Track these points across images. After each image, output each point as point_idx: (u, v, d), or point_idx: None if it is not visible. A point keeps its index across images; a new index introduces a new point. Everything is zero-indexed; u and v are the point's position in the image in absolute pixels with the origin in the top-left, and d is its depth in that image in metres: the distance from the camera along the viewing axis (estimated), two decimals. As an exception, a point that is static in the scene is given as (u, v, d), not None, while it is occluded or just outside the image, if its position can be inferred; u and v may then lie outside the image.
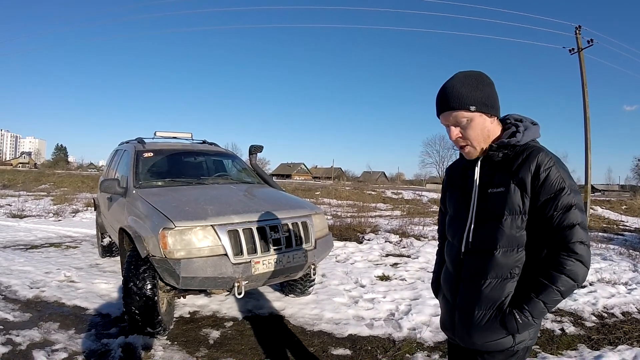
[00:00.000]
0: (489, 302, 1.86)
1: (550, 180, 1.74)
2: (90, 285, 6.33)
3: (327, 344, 4.51)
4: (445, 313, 2.11)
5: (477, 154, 1.91)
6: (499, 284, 1.84)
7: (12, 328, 4.65)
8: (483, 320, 1.87)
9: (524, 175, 1.77)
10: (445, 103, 1.87)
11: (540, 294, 1.74)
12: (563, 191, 1.73)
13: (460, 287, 1.97)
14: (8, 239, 10.21)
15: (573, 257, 1.70)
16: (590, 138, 20.19)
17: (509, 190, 1.79)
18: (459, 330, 1.98)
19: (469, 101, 1.82)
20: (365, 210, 17.40)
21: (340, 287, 6.39)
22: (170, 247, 4.10)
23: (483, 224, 1.88)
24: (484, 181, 1.90)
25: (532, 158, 1.77)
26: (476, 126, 1.86)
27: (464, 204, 1.98)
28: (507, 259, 1.82)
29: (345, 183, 38.62)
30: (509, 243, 1.82)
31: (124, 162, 6.55)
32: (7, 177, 38.15)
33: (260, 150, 6.81)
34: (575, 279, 1.71)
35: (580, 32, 20.90)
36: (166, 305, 4.71)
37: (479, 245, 1.89)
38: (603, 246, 10.73)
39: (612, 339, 4.72)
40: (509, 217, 1.79)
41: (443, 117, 1.90)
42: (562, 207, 1.72)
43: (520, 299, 1.79)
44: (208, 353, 4.25)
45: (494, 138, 1.91)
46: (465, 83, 1.84)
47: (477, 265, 1.89)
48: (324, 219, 5.53)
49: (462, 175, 2.06)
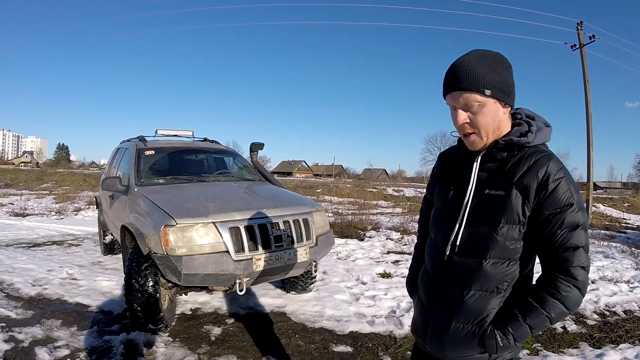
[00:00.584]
0: (469, 315, 1.65)
1: (558, 193, 1.53)
2: (92, 282, 6.35)
3: (328, 340, 4.52)
4: (418, 317, 1.91)
5: (481, 145, 1.65)
6: (483, 297, 1.64)
7: (15, 325, 4.67)
8: (460, 334, 1.67)
9: (529, 182, 1.55)
10: (456, 81, 1.59)
11: (528, 316, 1.56)
12: (571, 207, 1.53)
13: (439, 293, 1.75)
14: (11, 237, 10.24)
15: (571, 282, 1.52)
16: (592, 135, 20.13)
17: (509, 195, 1.58)
18: (431, 339, 1.78)
19: (485, 83, 1.56)
20: (367, 207, 17.38)
21: (342, 284, 6.40)
22: (172, 244, 4.12)
23: (474, 228, 1.65)
24: (482, 179, 1.68)
25: (542, 165, 1.56)
26: (488, 113, 1.60)
27: (455, 201, 1.75)
28: (496, 271, 1.62)
29: (347, 180, 38.53)
30: (500, 254, 1.61)
31: (125, 160, 6.57)
32: (10, 176, 38.20)
33: (261, 147, 6.82)
34: (568, 307, 1.54)
35: (582, 28, 20.83)
36: (168, 302, 4.73)
37: (467, 250, 1.67)
38: (605, 244, 10.70)
39: (614, 337, 4.71)
40: (506, 225, 1.58)
41: (451, 98, 1.63)
42: (567, 225, 1.53)
43: (504, 318, 1.60)
44: (209, 350, 4.27)
45: (504, 130, 1.66)
46: (483, 63, 1.58)
47: (462, 272, 1.68)
48: (325, 216, 5.54)
49: (457, 167, 1.82)
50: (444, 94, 1.66)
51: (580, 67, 20.71)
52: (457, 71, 1.59)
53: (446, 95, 1.65)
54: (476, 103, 1.58)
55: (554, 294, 1.53)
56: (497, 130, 1.64)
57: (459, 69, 1.59)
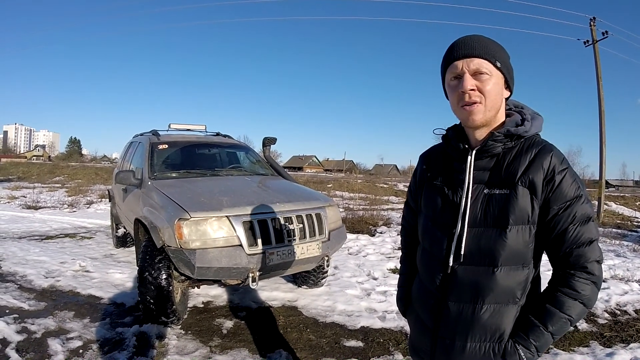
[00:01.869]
0: (486, 332, 1.52)
1: (565, 185, 1.44)
2: (104, 275, 6.41)
3: (339, 335, 4.53)
4: (418, 337, 1.74)
5: (483, 119, 1.51)
6: (499, 309, 1.51)
7: (28, 317, 4.72)
8: (478, 354, 1.53)
9: (535, 176, 1.45)
10: (470, 47, 1.50)
11: (549, 323, 1.45)
12: (580, 200, 1.45)
13: (446, 311, 1.58)
14: (23, 230, 10.34)
15: (590, 279, 1.42)
16: (605, 132, 19.92)
17: (515, 193, 1.46)
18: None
19: (497, 56, 1.50)
20: (378, 203, 17.37)
21: (353, 280, 6.40)
22: (186, 238, 4.13)
23: (479, 233, 1.51)
24: (478, 178, 1.55)
25: (545, 156, 1.47)
26: (496, 85, 1.50)
27: (448, 205, 1.60)
28: (509, 280, 1.49)
29: (357, 176, 38.45)
30: (513, 259, 1.49)
31: (138, 154, 6.61)
32: (22, 170, 38.57)
33: (274, 142, 6.82)
34: (587, 304, 1.44)
35: (595, 23, 20.62)
36: (180, 295, 4.76)
37: (474, 260, 1.52)
38: (617, 242, 10.64)
39: (625, 336, 4.69)
40: (515, 227, 1.46)
41: (462, 63, 1.50)
42: (579, 218, 1.44)
43: (524, 329, 1.49)
44: (221, 342, 4.30)
45: (499, 118, 1.57)
46: (492, 41, 1.54)
47: (470, 285, 1.53)
48: (337, 211, 5.54)
49: (445, 167, 1.68)
50: (453, 60, 1.53)
51: (593, 63, 20.52)
52: (470, 40, 1.52)
53: (454, 61, 1.52)
54: (486, 72, 1.48)
55: (572, 294, 1.43)
56: (497, 112, 1.54)
57: (472, 39, 1.53)
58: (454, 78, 1.53)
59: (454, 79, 1.53)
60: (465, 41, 1.52)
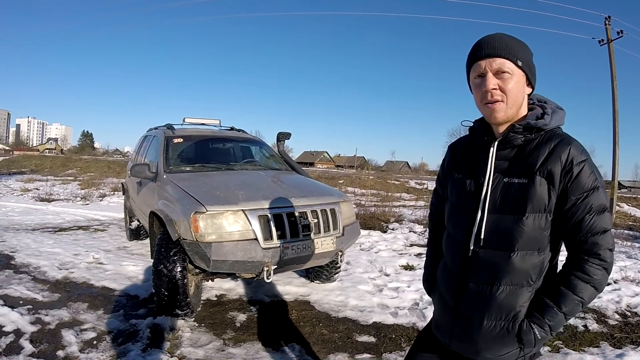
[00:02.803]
0: (502, 311, 1.62)
1: (584, 176, 1.51)
2: (118, 267, 6.46)
3: (351, 330, 4.54)
4: (442, 316, 1.84)
5: (504, 116, 1.61)
6: (514, 291, 1.60)
7: (42, 308, 4.76)
8: (493, 332, 1.63)
9: (554, 167, 1.52)
10: (492, 47, 1.59)
11: (562, 304, 1.55)
12: (597, 191, 1.52)
13: (466, 291, 1.70)
14: (37, 222, 10.43)
15: (602, 265, 1.52)
16: (619, 133, 19.79)
17: (533, 183, 1.54)
18: (462, 340, 1.73)
19: (518, 55, 1.58)
20: (389, 199, 17.33)
21: (365, 275, 6.41)
22: (202, 231, 4.16)
23: (497, 219, 1.61)
24: (499, 167, 1.64)
25: (564, 148, 1.54)
26: (517, 84, 1.59)
27: (471, 193, 1.71)
28: (524, 263, 1.58)
29: (369, 172, 38.33)
30: (529, 245, 1.58)
31: (153, 147, 6.64)
32: (35, 163, 38.80)
33: (288, 137, 6.83)
34: (598, 288, 1.55)
35: (610, 22, 20.47)
36: (194, 288, 4.79)
37: (492, 243, 1.62)
38: (628, 244, 10.55)
39: (635, 338, 4.66)
40: (532, 214, 1.55)
41: (485, 63, 1.59)
42: (595, 209, 1.52)
43: (539, 310, 1.58)
44: (235, 336, 4.32)
45: (521, 113, 1.66)
46: (514, 39, 1.62)
47: (489, 267, 1.63)
48: (351, 207, 5.55)
49: (470, 157, 1.79)
50: (475, 59, 1.63)
51: (608, 62, 20.37)
52: (493, 40, 1.60)
53: (477, 61, 1.62)
54: (508, 71, 1.57)
55: (584, 278, 1.53)
56: (519, 109, 1.64)
57: (494, 39, 1.61)
58: (478, 76, 1.62)
59: (477, 77, 1.63)
60: (488, 41, 1.61)
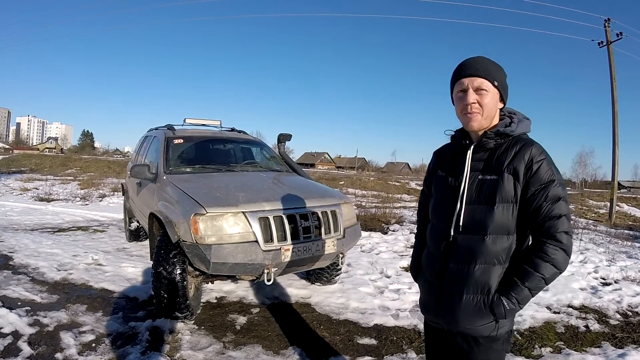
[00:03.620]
0: (478, 286, 1.90)
1: (541, 171, 1.83)
2: (117, 268, 6.42)
3: (352, 333, 4.51)
4: (427, 296, 2.15)
5: (479, 125, 1.95)
6: (488, 269, 1.90)
7: (40, 309, 4.74)
8: (471, 305, 1.92)
9: (518, 165, 1.84)
10: (474, 68, 1.93)
11: (526, 280, 1.83)
12: (553, 183, 1.83)
13: (447, 271, 1.99)
14: (35, 222, 10.42)
15: (558, 245, 1.80)
16: (618, 133, 19.84)
17: (502, 179, 1.86)
18: (445, 314, 2.01)
19: (494, 76, 1.92)
20: (390, 201, 17.34)
21: (366, 277, 6.38)
22: (202, 233, 4.13)
23: (473, 209, 1.92)
24: (475, 167, 1.96)
25: (526, 149, 1.86)
26: (492, 100, 1.93)
27: (452, 188, 2.02)
28: (495, 246, 1.88)
29: (370, 173, 38.36)
30: (499, 230, 1.88)
31: (153, 148, 6.61)
32: (35, 162, 38.84)
33: (289, 138, 6.80)
34: (558, 267, 1.81)
35: (610, 24, 20.52)
36: (194, 290, 4.76)
37: (469, 229, 1.93)
38: (628, 244, 10.56)
39: (636, 337, 4.66)
40: (501, 204, 1.86)
41: (467, 81, 1.93)
42: (551, 197, 1.81)
43: (507, 286, 1.87)
44: (235, 338, 4.29)
45: (493, 124, 1.98)
46: (491, 62, 1.96)
47: (466, 249, 1.93)
48: (352, 209, 5.52)
49: (451, 160, 2.10)
50: (459, 77, 1.96)
51: (608, 64, 20.39)
52: (475, 62, 1.95)
53: (461, 79, 1.95)
54: (486, 89, 1.91)
55: (544, 257, 1.81)
56: (492, 120, 1.97)
57: (476, 61, 1.95)
58: (461, 91, 1.96)
59: (460, 92, 1.97)
60: (471, 62, 1.95)
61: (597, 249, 9.20)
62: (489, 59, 1.98)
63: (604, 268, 7.43)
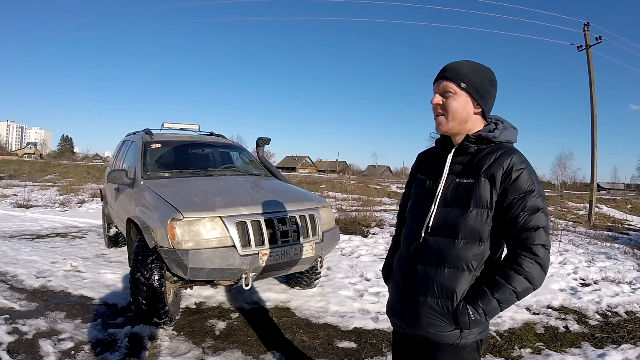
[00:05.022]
0: (443, 290, 1.83)
1: (520, 181, 1.75)
2: (96, 275, 6.35)
3: (332, 336, 4.52)
4: (394, 298, 2.06)
5: (445, 127, 1.91)
6: (455, 274, 1.82)
7: (19, 317, 4.67)
8: (434, 308, 1.84)
9: (496, 171, 1.77)
10: (442, 71, 1.91)
11: (496, 292, 1.74)
12: (532, 193, 1.74)
13: (415, 272, 1.92)
14: (14, 229, 10.24)
15: (534, 259, 1.70)
16: (597, 136, 20.11)
17: (478, 183, 1.79)
18: (408, 316, 1.94)
19: (462, 78, 1.85)
20: (370, 204, 17.39)
21: (346, 281, 6.40)
22: (179, 238, 4.11)
23: (447, 212, 1.86)
24: (454, 170, 1.91)
25: (507, 156, 1.79)
26: (459, 103, 1.87)
27: (429, 190, 1.96)
28: (466, 251, 1.81)
29: (350, 177, 38.44)
30: (470, 235, 1.80)
31: (131, 153, 6.56)
32: (13, 167, 38.35)
33: (268, 142, 6.81)
34: (532, 282, 1.72)
35: (589, 28, 20.79)
36: (173, 296, 4.73)
37: (440, 232, 1.87)
38: (608, 245, 10.74)
39: (616, 337, 4.74)
40: (475, 209, 1.79)
41: (435, 85, 1.92)
42: (529, 208, 1.73)
43: (475, 294, 1.78)
44: (214, 344, 4.27)
45: (472, 128, 1.92)
46: (469, 65, 1.90)
47: (435, 251, 1.87)
48: (331, 212, 5.53)
49: (433, 163, 2.04)
50: (433, 82, 1.95)
51: (587, 68, 20.65)
52: (447, 66, 1.92)
53: (434, 83, 1.94)
54: (451, 90, 1.86)
55: (517, 270, 1.71)
56: (464, 123, 1.90)
57: (449, 65, 1.92)
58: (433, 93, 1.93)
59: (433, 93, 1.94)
60: (446, 65, 1.93)
61: (577, 250, 9.33)
62: (471, 62, 1.93)
63: (584, 269, 7.54)
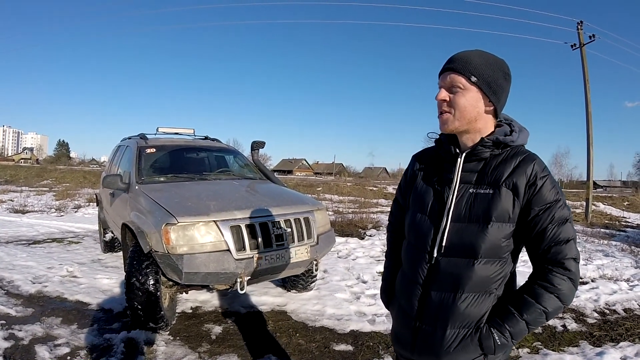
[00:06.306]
0: (465, 320, 1.62)
1: (545, 190, 1.57)
2: (92, 280, 6.34)
3: (329, 339, 4.52)
4: (401, 327, 1.82)
5: (452, 126, 1.66)
6: (478, 299, 1.62)
7: (15, 323, 4.66)
8: (456, 341, 1.63)
9: (519, 180, 1.57)
10: (449, 62, 1.66)
11: (525, 312, 1.56)
12: (558, 203, 1.57)
13: (428, 301, 1.69)
14: (10, 234, 10.22)
15: (565, 274, 1.53)
16: (592, 134, 20.13)
17: (499, 194, 1.58)
18: (422, 350, 1.71)
19: (473, 71, 1.61)
20: (367, 206, 17.37)
21: (342, 283, 6.39)
22: (173, 243, 4.11)
23: (462, 228, 1.63)
24: (466, 179, 1.67)
25: (529, 163, 1.59)
26: (469, 99, 1.62)
27: (436, 201, 1.72)
28: (488, 271, 1.61)
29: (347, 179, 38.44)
30: (492, 253, 1.60)
31: (126, 157, 6.56)
32: (10, 173, 38.18)
33: (263, 146, 6.81)
34: (563, 300, 1.55)
35: (582, 27, 20.83)
36: (168, 301, 4.72)
37: (455, 252, 1.63)
38: (605, 242, 10.75)
39: (614, 335, 4.74)
40: (496, 223, 1.58)
41: (441, 78, 1.67)
42: (557, 219, 1.55)
43: (500, 316, 1.60)
44: (210, 348, 4.27)
45: (483, 128, 1.68)
46: (480, 56, 1.65)
47: (451, 275, 1.64)
48: (326, 215, 5.53)
49: (436, 167, 1.80)
50: (439, 74, 1.70)
51: (581, 66, 20.70)
52: (455, 56, 1.67)
53: (440, 75, 1.69)
54: (460, 85, 1.62)
55: (548, 288, 1.54)
56: (473, 122, 1.66)
57: (457, 55, 1.67)
58: (439, 87, 1.69)
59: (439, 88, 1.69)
60: (454, 56, 1.68)
61: (574, 248, 9.32)
62: (482, 52, 1.68)
63: (581, 267, 7.50)
